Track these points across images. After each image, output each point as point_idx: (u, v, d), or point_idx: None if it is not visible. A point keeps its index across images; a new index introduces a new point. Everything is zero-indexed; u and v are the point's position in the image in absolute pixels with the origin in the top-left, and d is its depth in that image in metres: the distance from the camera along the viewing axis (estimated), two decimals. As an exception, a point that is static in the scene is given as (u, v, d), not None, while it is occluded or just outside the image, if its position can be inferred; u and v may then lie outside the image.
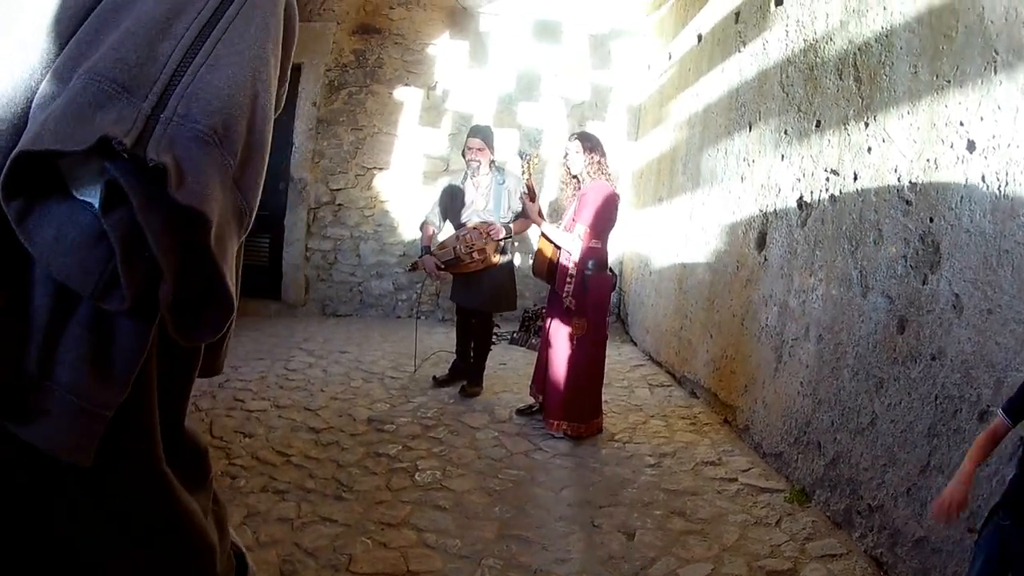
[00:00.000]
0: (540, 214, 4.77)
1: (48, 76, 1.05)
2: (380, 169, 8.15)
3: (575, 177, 4.54)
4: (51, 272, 1.01)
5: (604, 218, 4.35)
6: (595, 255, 4.35)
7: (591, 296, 4.36)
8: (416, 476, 3.67)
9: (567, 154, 4.54)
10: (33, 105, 1.03)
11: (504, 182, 5.15)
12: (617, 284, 8.11)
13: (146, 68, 1.05)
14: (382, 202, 8.19)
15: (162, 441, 1.31)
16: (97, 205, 1.01)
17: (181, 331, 1.08)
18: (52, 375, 1.04)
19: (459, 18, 8.10)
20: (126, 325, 1.07)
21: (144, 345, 1.09)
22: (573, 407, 4.38)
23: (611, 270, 4.57)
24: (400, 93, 8.11)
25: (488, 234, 4.98)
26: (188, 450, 1.41)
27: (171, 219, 1.01)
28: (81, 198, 1.03)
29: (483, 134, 5.20)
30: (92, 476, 1.14)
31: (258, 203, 1.19)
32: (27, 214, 0.98)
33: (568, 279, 4.32)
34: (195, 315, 1.09)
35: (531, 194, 4.72)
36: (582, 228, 4.29)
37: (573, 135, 4.61)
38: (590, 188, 4.37)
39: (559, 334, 4.44)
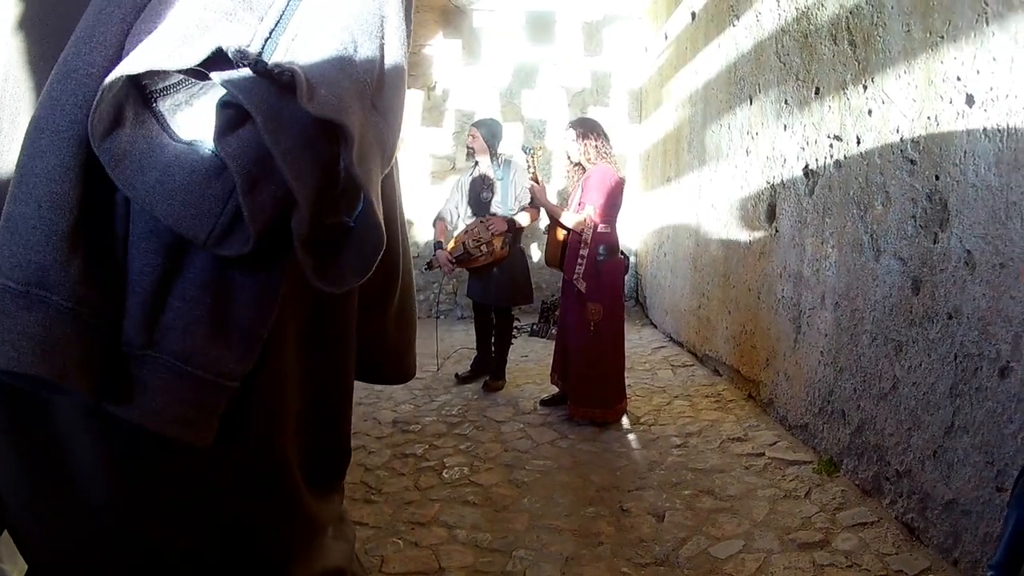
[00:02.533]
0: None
1: (144, 12, 0.91)
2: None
3: (578, 165, 4.54)
4: (158, 218, 0.87)
5: (610, 201, 4.35)
6: (605, 240, 4.35)
7: (605, 281, 4.36)
8: (444, 474, 3.69)
9: (566, 143, 4.55)
10: (127, 40, 0.89)
11: (505, 176, 5.17)
12: (632, 267, 8.11)
13: None
14: (392, 206, 8.21)
15: (303, 436, 1.18)
16: (211, 138, 0.88)
17: (321, 273, 0.93)
18: (157, 345, 0.91)
19: (452, 17, 8.11)
20: (249, 279, 0.94)
21: (272, 301, 0.96)
22: (596, 393, 4.39)
23: (623, 253, 4.56)
24: (400, 96, 8.12)
25: (490, 228, 5.01)
26: (328, 457, 1.29)
27: (304, 137, 0.88)
28: (188, 139, 0.89)
29: (478, 125, 5.28)
30: (197, 458, 1.00)
31: (399, 136, 1.05)
32: (124, 157, 0.85)
33: (580, 260, 4.33)
34: (335, 255, 0.95)
35: (537, 183, 4.71)
36: (591, 208, 4.29)
37: (568, 124, 4.61)
38: (593, 172, 4.36)
39: (575, 321, 4.44)
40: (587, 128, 4.49)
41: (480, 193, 5.22)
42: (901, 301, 2.96)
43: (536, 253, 8.37)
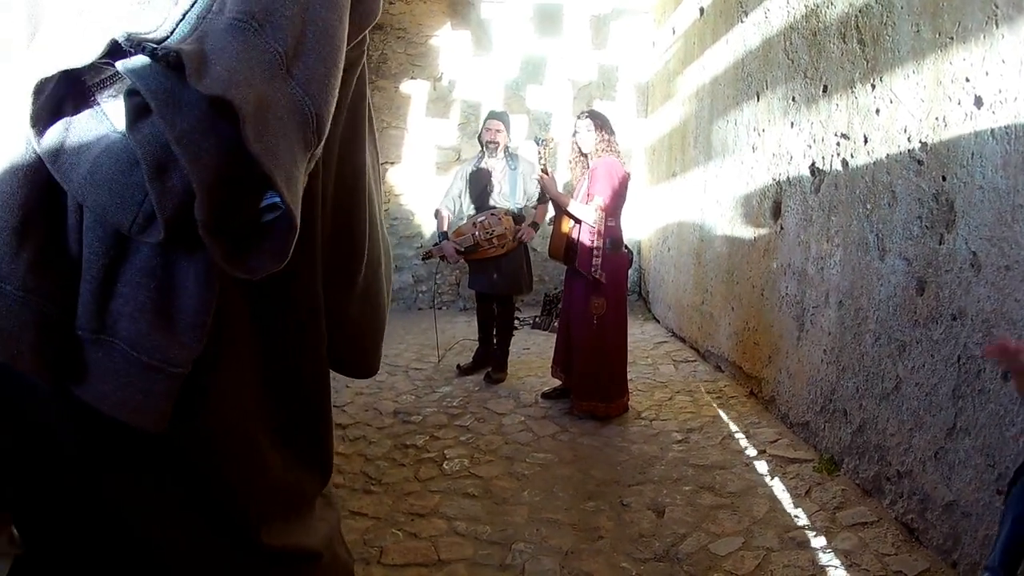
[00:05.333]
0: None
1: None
2: (391, 163, 8.18)
3: (585, 155, 4.53)
4: (89, 209, 0.91)
5: (616, 195, 4.34)
6: (610, 233, 4.34)
7: (609, 275, 4.36)
8: (444, 465, 3.70)
9: (577, 132, 4.53)
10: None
11: (516, 168, 5.18)
12: (635, 262, 8.10)
13: None
14: (396, 196, 8.23)
15: (271, 413, 1.20)
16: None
17: (231, 260, 0.93)
18: (109, 329, 0.94)
19: (460, 8, 8.09)
20: (191, 265, 0.95)
21: (210, 288, 0.96)
22: (598, 388, 4.39)
23: (627, 247, 4.56)
24: (406, 87, 8.13)
25: (511, 233, 5.04)
26: (306, 432, 1.29)
27: (204, 118, 0.88)
28: (119, 130, 0.91)
29: (502, 118, 5.33)
30: (155, 448, 1.03)
31: (331, 108, 1.01)
32: (61, 152, 0.89)
33: (596, 252, 4.31)
34: (259, 240, 0.95)
35: (546, 174, 4.69)
36: (600, 200, 4.28)
37: (583, 113, 4.59)
38: (600, 164, 4.35)
39: (579, 315, 4.45)
40: (601, 120, 4.48)
41: (485, 186, 5.23)
42: (905, 301, 2.95)
43: (538, 244, 8.36)
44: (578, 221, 4.41)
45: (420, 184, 8.17)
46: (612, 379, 4.45)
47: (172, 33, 0.92)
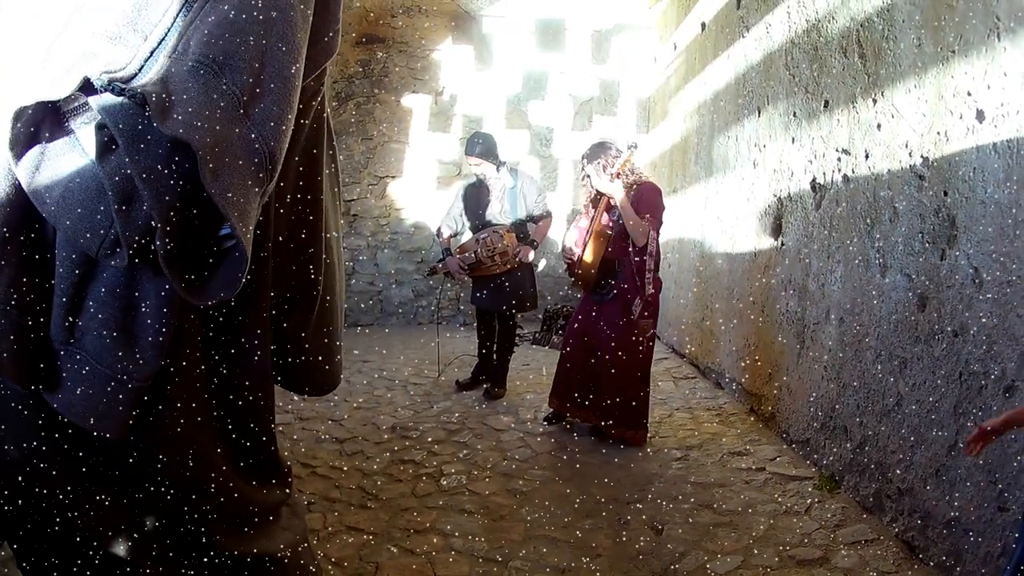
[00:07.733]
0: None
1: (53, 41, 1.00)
2: (393, 177, 8.18)
3: (600, 194, 4.33)
4: (60, 231, 0.97)
5: (661, 216, 4.26)
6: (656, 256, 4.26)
7: (654, 297, 4.23)
8: (441, 481, 3.66)
9: (587, 176, 4.33)
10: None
11: (515, 185, 5.14)
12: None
13: (145, 13, 0.98)
14: (397, 210, 8.22)
15: (230, 440, 1.27)
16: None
17: (189, 288, 0.98)
18: (78, 341, 1.01)
19: (462, 22, 8.11)
20: (150, 288, 1.01)
21: (169, 309, 1.03)
22: (642, 414, 4.20)
23: None
24: (408, 100, 8.13)
25: (512, 251, 5.00)
26: (255, 447, 1.35)
27: (166, 156, 0.92)
28: (91, 157, 0.96)
29: (478, 150, 5.06)
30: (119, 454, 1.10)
31: (284, 145, 1.05)
32: (36, 174, 0.94)
33: (648, 272, 4.17)
34: (208, 271, 1.01)
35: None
36: (652, 233, 4.20)
37: (582, 156, 4.36)
38: (644, 189, 4.22)
39: (620, 338, 4.17)
40: (592, 151, 4.29)
41: (484, 202, 5.20)
42: (907, 317, 2.93)
43: (542, 261, 8.34)
44: (628, 243, 4.27)
45: (421, 198, 8.16)
46: (645, 402, 4.25)
47: (140, 70, 0.98)
